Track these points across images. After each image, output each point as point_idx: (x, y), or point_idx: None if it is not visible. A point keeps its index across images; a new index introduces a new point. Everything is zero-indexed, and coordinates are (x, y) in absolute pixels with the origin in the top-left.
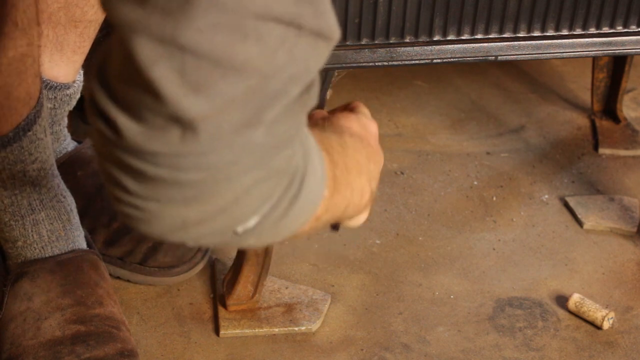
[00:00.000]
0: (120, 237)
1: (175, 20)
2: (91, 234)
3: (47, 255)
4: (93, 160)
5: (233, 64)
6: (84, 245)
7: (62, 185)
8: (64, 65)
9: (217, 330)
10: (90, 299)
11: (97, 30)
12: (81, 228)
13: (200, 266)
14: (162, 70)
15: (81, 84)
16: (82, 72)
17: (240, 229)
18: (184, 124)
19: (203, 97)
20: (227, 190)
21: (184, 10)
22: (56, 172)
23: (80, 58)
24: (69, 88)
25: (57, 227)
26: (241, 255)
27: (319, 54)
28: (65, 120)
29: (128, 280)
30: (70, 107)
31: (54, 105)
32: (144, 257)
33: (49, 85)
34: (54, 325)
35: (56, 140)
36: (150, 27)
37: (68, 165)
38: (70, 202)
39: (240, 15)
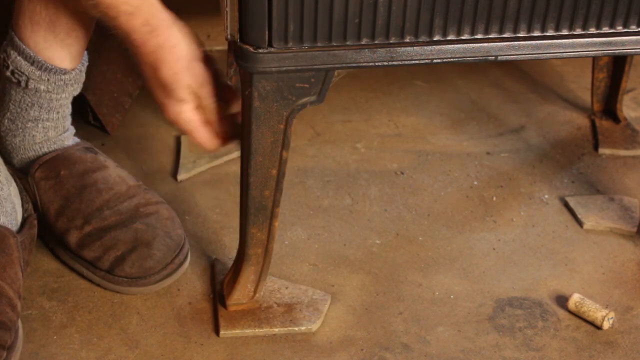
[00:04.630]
0: (91, 241)
1: None
2: (64, 235)
3: None
4: (79, 162)
5: None
6: None
7: None
8: (58, 47)
9: (217, 330)
10: None
11: (92, 20)
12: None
13: (172, 279)
14: None
15: (80, 75)
16: (84, 64)
17: None
18: None
19: None
20: None
21: None
22: None
23: (75, 43)
24: (64, 74)
25: None
26: (241, 255)
27: None
28: (66, 110)
29: (99, 285)
30: (68, 96)
31: (47, 87)
32: (111, 266)
33: (43, 66)
34: None
35: (54, 128)
36: None
37: (53, 163)
38: None
39: None
